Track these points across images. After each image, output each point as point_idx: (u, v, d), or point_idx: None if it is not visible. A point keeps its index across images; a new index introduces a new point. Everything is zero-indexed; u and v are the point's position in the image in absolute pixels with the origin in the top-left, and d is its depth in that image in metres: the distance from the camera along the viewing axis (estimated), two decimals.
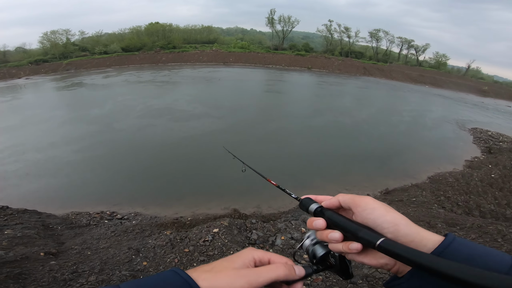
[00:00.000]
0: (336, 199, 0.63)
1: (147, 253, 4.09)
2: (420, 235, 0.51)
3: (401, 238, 0.51)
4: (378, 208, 0.56)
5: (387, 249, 0.48)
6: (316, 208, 0.64)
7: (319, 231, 0.62)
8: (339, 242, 0.57)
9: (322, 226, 0.60)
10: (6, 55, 45.48)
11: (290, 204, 7.26)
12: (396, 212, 0.55)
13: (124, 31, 53.80)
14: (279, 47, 53.09)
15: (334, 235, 0.58)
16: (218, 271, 0.52)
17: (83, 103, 19.18)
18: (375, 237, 0.51)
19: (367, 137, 13.58)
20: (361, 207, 0.57)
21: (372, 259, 0.56)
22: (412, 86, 38.44)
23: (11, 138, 12.25)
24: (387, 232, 0.52)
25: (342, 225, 0.58)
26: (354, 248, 0.54)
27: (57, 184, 8.47)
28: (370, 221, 0.55)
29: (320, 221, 0.61)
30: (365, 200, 0.58)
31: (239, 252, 0.59)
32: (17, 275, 3.36)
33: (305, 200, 0.68)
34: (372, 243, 0.50)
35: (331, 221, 0.60)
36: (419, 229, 0.52)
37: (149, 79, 29.55)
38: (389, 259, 0.53)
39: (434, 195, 7.95)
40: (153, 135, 12.38)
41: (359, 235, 0.54)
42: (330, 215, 0.61)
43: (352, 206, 0.59)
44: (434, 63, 53.56)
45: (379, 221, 0.54)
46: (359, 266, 3.66)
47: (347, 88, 29.93)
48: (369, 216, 0.55)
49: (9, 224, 5.23)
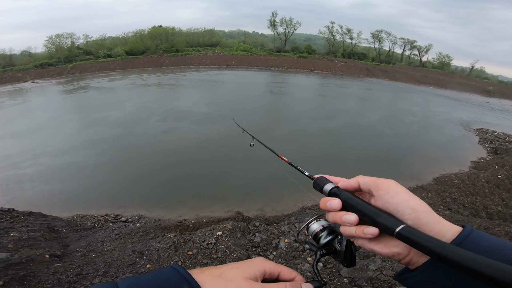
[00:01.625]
0: (356, 180, 0.59)
1: (151, 256, 4.09)
2: (440, 224, 0.48)
3: (421, 227, 0.48)
4: (402, 192, 0.52)
5: (407, 237, 0.45)
6: (331, 188, 0.60)
7: (332, 213, 0.58)
8: (353, 226, 0.54)
9: (338, 207, 0.56)
10: (12, 58, 46.27)
11: (294, 207, 7.24)
12: (419, 199, 0.52)
13: (127, 35, 54.35)
14: (282, 49, 53.19)
15: (349, 217, 0.54)
16: (229, 280, 0.50)
17: (98, 106, 19.26)
18: (394, 223, 0.48)
19: (372, 139, 13.50)
20: (384, 190, 0.54)
21: (384, 247, 0.52)
22: (415, 87, 38.23)
23: (31, 141, 12.44)
24: (408, 218, 0.49)
25: (359, 208, 0.54)
26: (370, 233, 0.51)
27: (62, 187, 8.54)
28: (391, 206, 0.52)
29: (336, 201, 0.57)
30: (388, 183, 0.55)
31: (250, 260, 0.56)
32: (22, 277, 3.38)
33: (319, 179, 0.63)
34: (391, 229, 0.47)
35: (347, 203, 0.56)
36: (440, 218, 0.50)
37: (156, 82, 29.79)
38: (403, 249, 0.50)
39: (440, 197, 7.87)
40: (166, 138, 12.44)
41: (378, 220, 0.50)
42: (346, 197, 0.57)
43: (373, 188, 0.55)
44: (438, 63, 53.27)
45: (401, 206, 0.51)
46: (364, 269, 3.62)
47: (351, 90, 29.85)
48: (391, 200, 0.52)
49: (15, 227, 5.27)
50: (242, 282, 0.50)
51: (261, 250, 4.55)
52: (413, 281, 0.50)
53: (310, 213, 6.29)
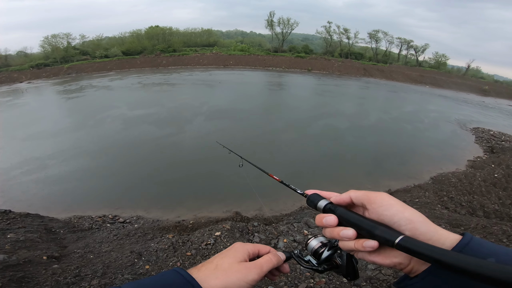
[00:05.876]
0: (348, 195, 0.60)
1: (150, 257, 4.08)
2: (438, 233, 0.49)
3: (419, 236, 0.48)
4: (395, 205, 0.53)
5: (407, 247, 0.46)
6: (325, 204, 0.61)
7: (329, 229, 0.59)
8: (352, 240, 0.55)
9: (334, 223, 0.57)
10: (7, 59, 45.89)
11: (292, 207, 7.24)
12: (413, 209, 0.53)
13: (124, 35, 54.14)
14: (279, 49, 53.27)
15: (347, 232, 0.55)
16: (227, 268, 0.56)
17: (95, 108, 19.24)
18: (393, 235, 0.48)
19: (369, 138, 13.56)
20: (377, 203, 0.54)
21: (385, 258, 0.53)
22: (412, 87, 38.44)
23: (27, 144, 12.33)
24: (405, 229, 0.50)
25: (356, 222, 0.55)
26: (369, 246, 0.52)
27: (59, 188, 8.48)
28: (386, 218, 0.52)
29: (332, 217, 0.58)
30: (381, 196, 0.55)
31: (232, 246, 0.64)
32: (20, 279, 3.36)
33: (313, 196, 0.65)
34: (390, 241, 0.48)
35: (343, 218, 0.57)
36: (437, 227, 0.50)
37: (160, 81, 29.81)
38: (404, 259, 0.51)
39: (437, 196, 7.91)
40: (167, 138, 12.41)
41: (375, 232, 0.51)
42: (342, 212, 0.58)
43: (366, 202, 0.56)
44: (434, 63, 53.56)
45: (396, 217, 0.51)
46: (362, 268, 3.63)
47: (348, 90, 29.95)
48: (385, 212, 0.52)
49: (12, 228, 5.23)
50: (238, 266, 0.57)
51: None
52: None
53: (308, 213, 6.29)
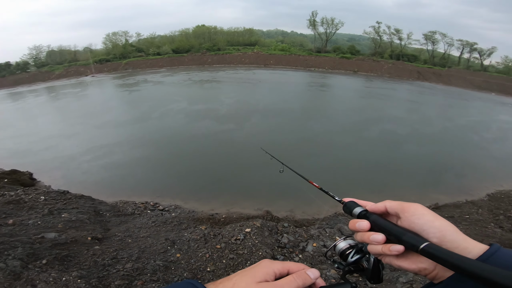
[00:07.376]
0: (383, 204, 0.63)
1: (182, 246, 4.27)
2: (466, 242, 0.51)
3: (446, 244, 0.50)
4: (427, 214, 0.55)
5: (431, 253, 0.48)
6: (361, 211, 0.65)
7: (360, 233, 0.62)
8: (380, 244, 0.58)
9: (366, 228, 0.61)
10: (76, 54, 52.28)
11: (327, 212, 6.96)
12: (445, 220, 0.55)
13: (174, 33, 57.61)
14: (322, 49, 51.56)
15: (377, 236, 0.58)
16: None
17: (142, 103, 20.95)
18: (419, 240, 0.51)
19: (429, 146, 12.53)
20: (410, 212, 0.57)
21: (412, 264, 0.55)
22: (475, 93, 34.12)
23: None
24: (433, 237, 0.52)
25: (386, 228, 0.58)
26: (395, 250, 0.55)
27: (112, 174, 9.41)
28: (417, 226, 0.55)
29: (365, 222, 0.61)
30: (414, 206, 0.58)
31: (257, 264, 0.59)
32: (64, 257, 3.69)
33: (349, 203, 0.69)
34: (415, 246, 0.51)
35: (375, 224, 0.61)
36: (466, 237, 0.52)
37: (208, 78, 31.58)
38: (429, 264, 0.53)
39: (492, 214, 7.00)
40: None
41: (403, 238, 0.54)
42: (375, 218, 0.62)
43: (399, 211, 0.59)
44: (503, 68, 46.76)
45: (426, 226, 0.54)
46: (393, 281, 3.39)
47: (402, 94, 27.87)
48: (417, 221, 0.55)
49: (67, 208, 5.88)
50: (255, 287, 0.53)
51: (287, 251, 4.48)
52: None
53: (342, 219, 6.00)
